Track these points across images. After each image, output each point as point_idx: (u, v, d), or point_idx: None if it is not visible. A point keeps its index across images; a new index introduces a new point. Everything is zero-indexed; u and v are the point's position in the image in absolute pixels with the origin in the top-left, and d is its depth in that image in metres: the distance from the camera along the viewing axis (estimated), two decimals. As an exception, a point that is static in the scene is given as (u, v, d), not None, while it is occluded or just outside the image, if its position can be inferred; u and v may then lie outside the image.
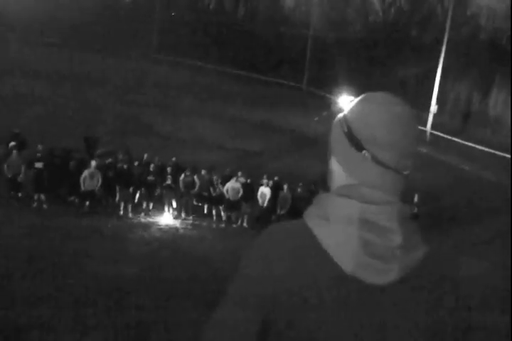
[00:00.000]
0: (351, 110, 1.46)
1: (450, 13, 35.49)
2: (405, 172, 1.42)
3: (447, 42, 34.61)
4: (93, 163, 17.03)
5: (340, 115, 1.50)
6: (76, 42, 46.99)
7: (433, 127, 34.24)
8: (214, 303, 1.46)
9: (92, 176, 16.82)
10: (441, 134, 33.74)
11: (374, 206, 1.36)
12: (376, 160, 1.39)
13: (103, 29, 49.82)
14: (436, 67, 34.89)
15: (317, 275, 1.34)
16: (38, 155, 17.04)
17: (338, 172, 1.48)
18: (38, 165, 16.78)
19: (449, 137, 33.35)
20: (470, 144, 31.81)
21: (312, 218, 1.40)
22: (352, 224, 1.34)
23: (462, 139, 32.75)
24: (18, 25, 45.81)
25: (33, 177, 16.75)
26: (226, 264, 10.27)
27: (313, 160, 23.19)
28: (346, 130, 1.44)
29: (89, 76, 35.66)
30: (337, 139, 1.47)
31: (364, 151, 1.40)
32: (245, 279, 1.41)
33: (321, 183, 17.15)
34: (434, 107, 34.61)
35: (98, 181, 16.93)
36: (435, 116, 34.79)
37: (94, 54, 43.47)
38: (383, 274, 1.33)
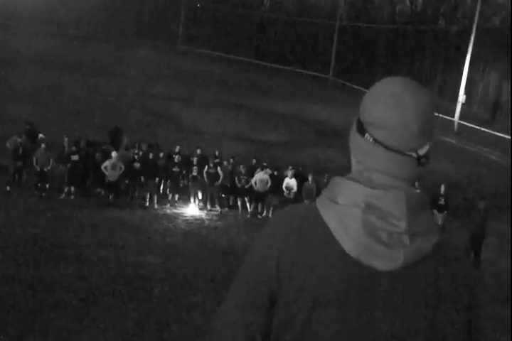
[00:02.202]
0: (365, 94, 1.45)
1: (480, 2, 34.83)
2: (413, 154, 1.37)
3: (476, 32, 34.03)
4: (114, 153, 17.14)
5: None
6: (99, 33, 47.34)
7: (461, 117, 33.83)
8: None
9: (114, 167, 16.94)
10: (470, 124, 33.31)
11: (379, 191, 1.34)
12: (377, 142, 1.38)
13: (127, 21, 50.10)
14: (465, 57, 34.38)
15: (322, 254, 1.35)
16: (73, 148, 17.25)
17: (352, 158, 1.49)
18: (74, 157, 16.98)
19: (478, 127, 32.90)
20: (499, 134, 31.32)
21: (321, 199, 1.42)
22: (357, 207, 1.33)
23: (491, 129, 32.27)
24: (39, 17, 46.41)
25: (69, 169, 16.96)
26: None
27: (338, 151, 23.10)
28: (358, 115, 1.45)
29: (111, 68, 35.91)
30: (352, 126, 1.48)
31: (366, 135, 1.40)
32: (254, 255, 1.45)
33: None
34: (462, 97, 34.14)
35: (120, 171, 17.03)
36: (463, 106, 34.34)
37: (119, 46, 43.74)
38: (387, 260, 1.31)
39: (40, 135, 18.42)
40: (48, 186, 17.22)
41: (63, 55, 37.30)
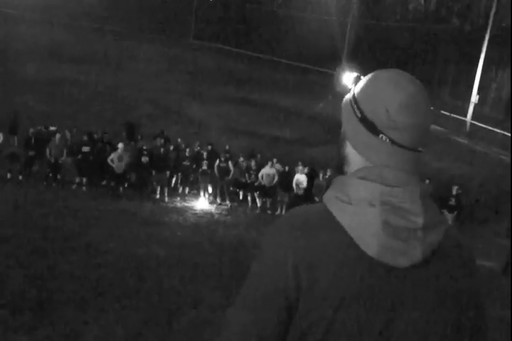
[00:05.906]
0: (361, 91, 1.40)
1: (495, 2, 34.53)
2: (422, 150, 1.39)
3: (491, 31, 33.73)
4: (120, 145, 17.16)
5: (349, 96, 1.44)
6: (110, 27, 47.36)
7: (473, 117, 33.57)
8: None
9: (120, 159, 16.96)
10: (482, 125, 33.05)
11: (395, 188, 1.33)
12: (394, 143, 1.35)
13: (140, 14, 50.09)
14: (479, 57, 34.10)
15: (340, 258, 1.32)
16: (85, 139, 17.32)
17: (353, 156, 1.44)
18: (85, 149, 17.05)
19: (490, 128, 32.63)
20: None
21: (332, 201, 1.37)
22: (374, 207, 1.31)
23: (503, 130, 32.02)
24: (50, 8, 46.46)
25: (79, 160, 17.02)
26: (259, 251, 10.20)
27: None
28: (359, 114, 1.39)
29: (122, 61, 36.00)
30: (350, 123, 1.42)
31: (381, 135, 1.36)
32: (266, 264, 1.37)
33: (337, 169, 16.95)
34: (475, 97, 33.87)
35: (126, 162, 17.05)
36: (476, 106, 34.07)
37: (130, 39, 43.80)
38: (406, 256, 1.31)
39: (52, 128, 18.52)
40: (59, 176, 17.30)
41: (73, 47, 37.39)
